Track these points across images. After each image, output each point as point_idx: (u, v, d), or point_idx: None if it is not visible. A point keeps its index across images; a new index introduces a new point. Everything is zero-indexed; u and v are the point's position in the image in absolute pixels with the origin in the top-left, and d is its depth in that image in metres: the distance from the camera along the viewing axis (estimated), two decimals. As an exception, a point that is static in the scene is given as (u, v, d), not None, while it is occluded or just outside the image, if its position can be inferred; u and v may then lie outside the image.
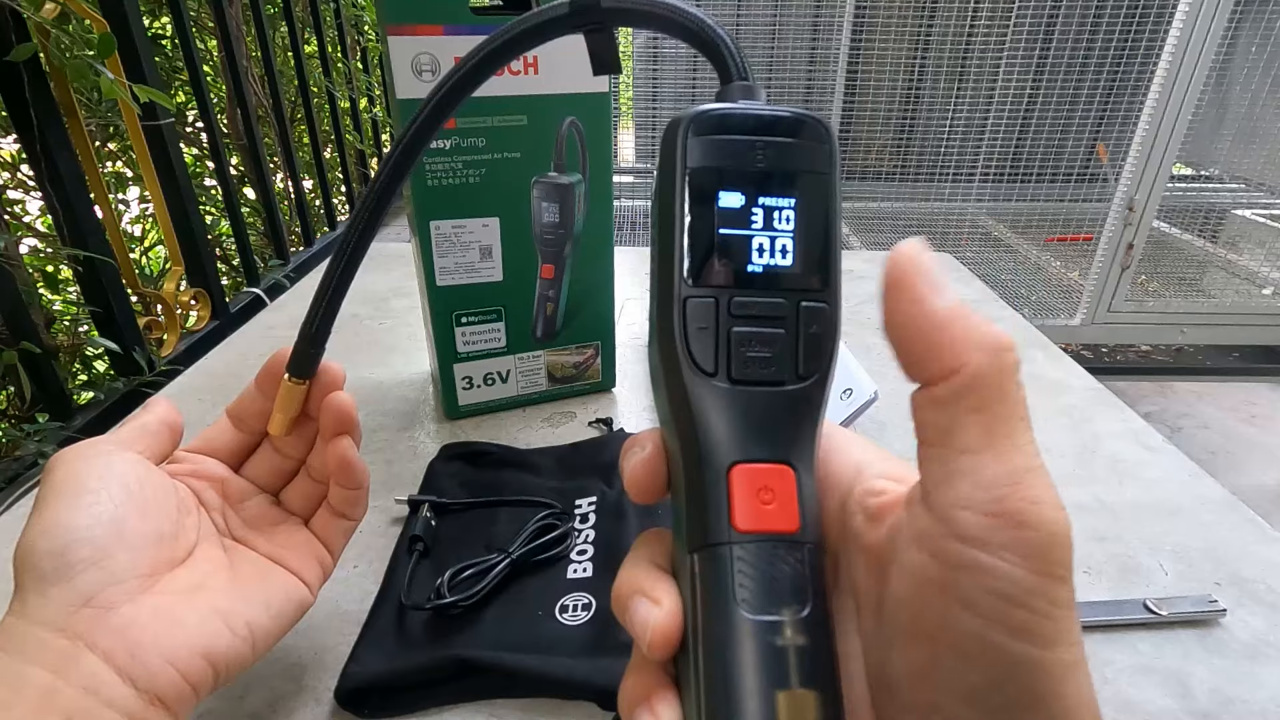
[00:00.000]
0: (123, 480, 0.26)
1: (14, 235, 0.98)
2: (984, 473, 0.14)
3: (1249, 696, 0.34)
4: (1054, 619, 0.14)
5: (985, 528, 0.14)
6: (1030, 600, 0.13)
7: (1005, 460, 0.14)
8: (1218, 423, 1.85)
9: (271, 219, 1.36)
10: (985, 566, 0.14)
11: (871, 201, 2.48)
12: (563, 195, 0.50)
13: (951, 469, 0.14)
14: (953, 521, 0.14)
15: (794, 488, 0.16)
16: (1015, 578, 0.13)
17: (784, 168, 0.17)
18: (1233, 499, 0.47)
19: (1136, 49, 1.97)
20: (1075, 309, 1.98)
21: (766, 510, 0.16)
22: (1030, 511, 0.14)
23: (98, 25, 0.83)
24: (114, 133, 1.26)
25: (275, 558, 0.30)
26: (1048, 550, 0.14)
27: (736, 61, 0.19)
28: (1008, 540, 0.14)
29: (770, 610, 0.15)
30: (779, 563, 0.15)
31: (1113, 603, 0.38)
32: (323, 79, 1.52)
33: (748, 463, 0.16)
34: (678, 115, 0.17)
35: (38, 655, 0.23)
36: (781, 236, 0.17)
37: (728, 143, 0.17)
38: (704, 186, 0.17)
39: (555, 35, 0.21)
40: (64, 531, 0.24)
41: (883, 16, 2.28)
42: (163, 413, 0.30)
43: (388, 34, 0.43)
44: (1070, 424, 0.55)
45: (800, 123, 0.17)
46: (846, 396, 0.48)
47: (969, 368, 0.15)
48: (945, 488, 0.15)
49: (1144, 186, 1.77)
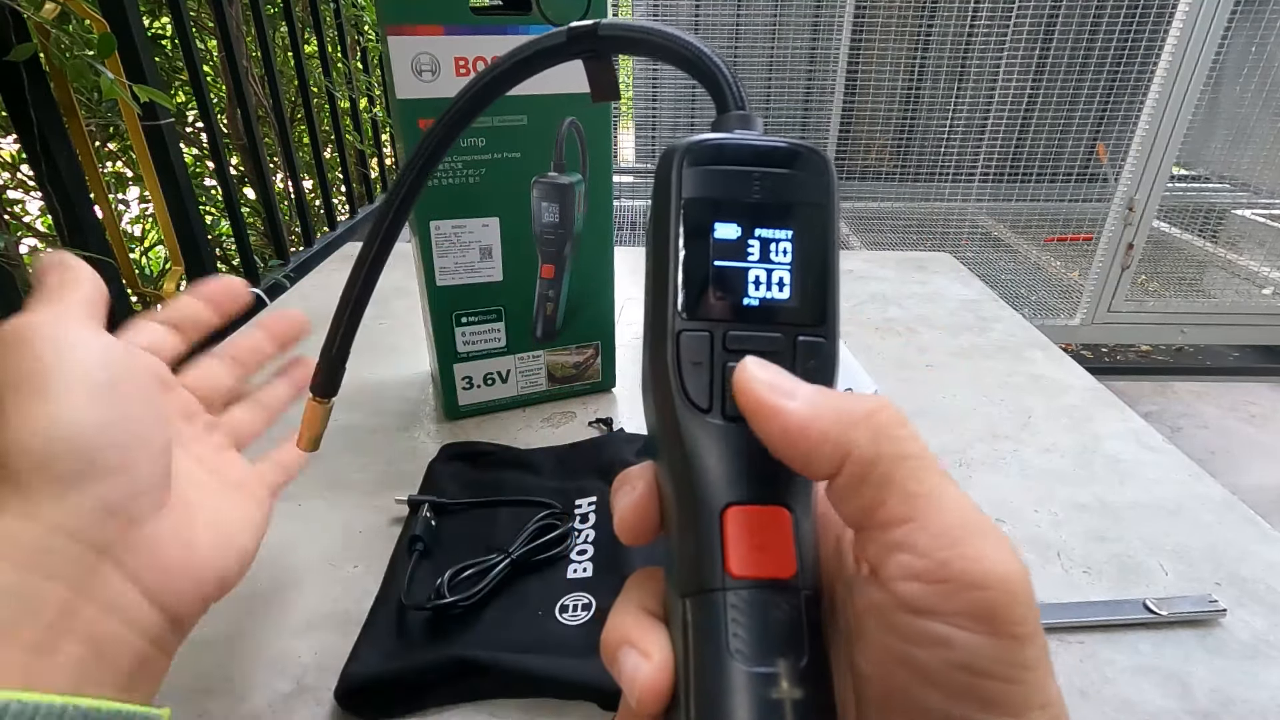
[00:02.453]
0: (117, 367, 0.22)
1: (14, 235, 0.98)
2: (918, 540, 0.14)
3: (1249, 696, 0.34)
4: (1023, 683, 0.13)
5: (934, 596, 0.13)
6: (995, 668, 0.13)
7: (935, 521, 0.14)
8: (1217, 423, 1.85)
9: (271, 219, 1.36)
10: (941, 637, 0.13)
11: (871, 201, 2.49)
12: (563, 195, 0.50)
13: (887, 545, 0.14)
14: (901, 596, 0.14)
15: (790, 531, 0.15)
16: (974, 646, 0.13)
17: (781, 199, 0.16)
18: (1232, 499, 0.47)
19: (1136, 49, 1.97)
20: (1075, 309, 1.98)
21: (762, 555, 0.15)
22: (975, 571, 0.13)
23: (98, 25, 0.83)
24: (114, 133, 1.26)
25: (231, 475, 0.29)
26: (1004, 608, 0.13)
27: (734, 91, 0.19)
28: (960, 605, 0.13)
29: (765, 662, 0.14)
30: (774, 611, 0.15)
31: (1113, 603, 0.38)
32: (323, 79, 1.52)
33: (743, 504, 0.15)
34: (672, 145, 0.17)
35: (56, 568, 0.19)
36: (778, 269, 0.16)
37: (723, 174, 0.16)
38: (699, 218, 0.16)
39: (552, 64, 0.21)
40: (78, 428, 0.20)
41: (883, 16, 2.28)
42: (94, 278, 0.25)
43: (388, 34, 0.43)
44: (1070, 424, 0.55)
45: (797, 154, 0.17)
46: (846, 396, 0.48)
47: (853, 452, 0.14)
48: (888, 563, 0.14)
49: (1144, 186, 1.77)
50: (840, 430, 0.14)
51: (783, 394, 0.15)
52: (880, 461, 0.14)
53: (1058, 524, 0.45)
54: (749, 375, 0.15)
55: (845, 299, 0.81)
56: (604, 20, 0.20)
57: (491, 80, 0.22)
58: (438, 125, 0.23)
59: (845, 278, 0.85)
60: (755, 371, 0.15)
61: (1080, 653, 0.36)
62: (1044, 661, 0.13)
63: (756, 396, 0.15)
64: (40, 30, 0.73)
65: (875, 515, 0.14)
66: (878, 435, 0.14)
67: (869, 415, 0.15)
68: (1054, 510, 0.46)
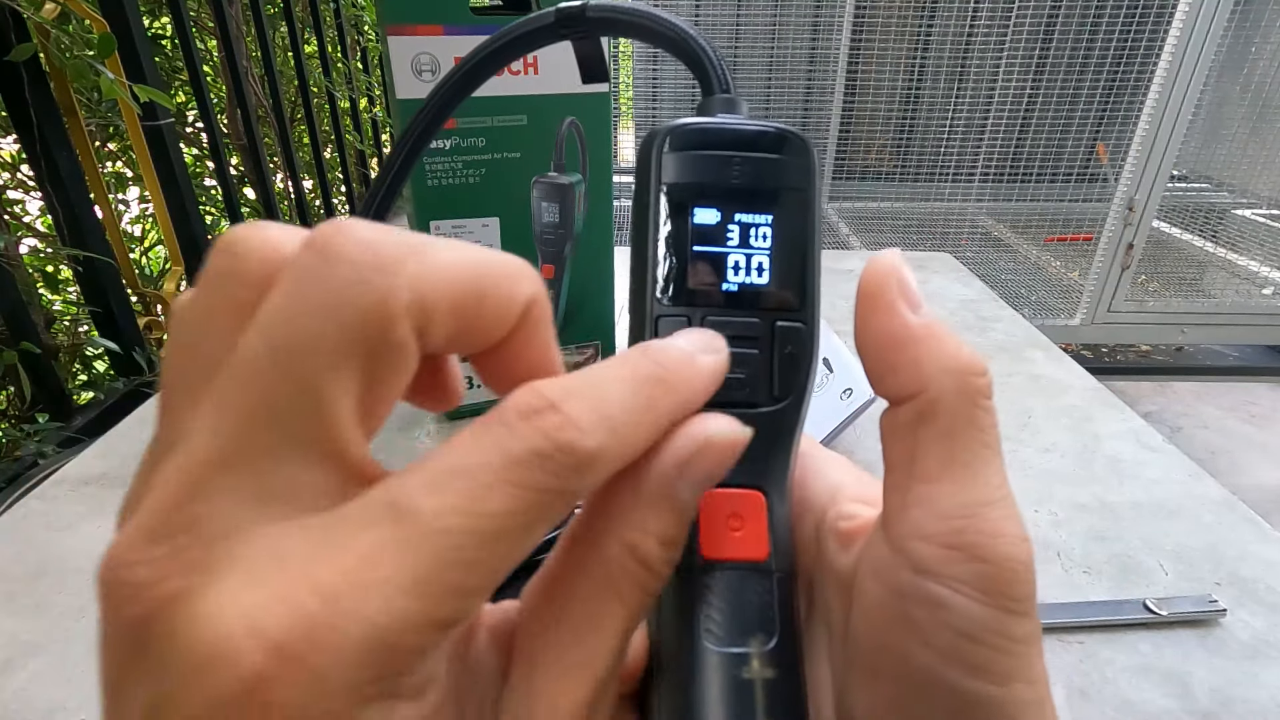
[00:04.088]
0: None
1: (14, 235, 0.98)
2: (941, 503, 0.14)
3: (1249, 696, 0.34)
4: (1012, 654, 0.13)
5: (941, 560, 0.13)
6: (986, 636, 0.13)
7: (964, 491, 0.14)
8: (1218, 422, 1.85)
9: (271, 219, 1.36)
10: (941, 600, 0.13)
11: (871, 201, 2.48)
12: (563, 195, 0.50)
13: (909, 498, 0.14)
14: (909, 553, 0.14)
15: (764, 514, 0.15)
16: (971, 612, 0.13)
17: (761, 184, 0.16)
18: (1232, 499, 0.47)
19: (1136, 49, 1.97)
20: (1075, 309, 1.98)
21: (735, 537, 0.15)
22: (987, 545, 0.13)
23: (98, 25, 0.83)
24: (114, 133, 1.26)
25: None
26: (1006, 584, 0.13)
27: (719, 74, 0.19)
28: (964, 573, 0.13)
29: (737, 642, 0.14)
30: (747, 593, 0.15)
31: (1113, 603, 0.38)
32: (323, 79, 1.52)
33: (717, 487, 0.15)
34: (654, 129, 0.17)
35: None
36: (757, 254, 0.16)
37: (704, 158, 0.16)
38: (678, 203, 0.16)
39: (540, 45, 0.21)
40: None
41: (883, 16, 2.28)
42: None
43: (388, 34, 0.43)
44: (1070, 424, 0.55)
45: (777, 138, 0.17)
46: (846, 396, 0.48)
47: (931, 390, 0.14)
48: (902, 518, 0.14)
49: (1144, 186, 1.77)
50: (935, 365, 0.14)
51: (910, 300, 0.15)
52: (947, 416, 0.14)
53: (1058, 524, 0.45)
54: (886, 265, 0.15)
55: (845, 299, 0.81)
56: (592, 1, 0.20)
57: (480, 61, 0.21)
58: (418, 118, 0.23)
59: (845, 278, 0.85)
60: (893, 265, 0.15)
61: (1080, 653, 0.36)
62: (1035, 641, 0.14)
63: (886, 287, 0.15)
64: (40, 30, 0.73)
65: (915, 463, 0.14)
66: (962, 392, 0.14)
67: (968, 371, 0.14)
68: (1054, 510, 0.46)
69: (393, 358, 0.11)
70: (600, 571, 0.13)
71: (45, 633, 0.37)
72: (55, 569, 0.41)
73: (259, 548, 0.10)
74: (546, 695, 0.13)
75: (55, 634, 0.37)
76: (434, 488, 0.11)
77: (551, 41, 0.21)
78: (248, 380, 0.11)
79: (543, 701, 0.13)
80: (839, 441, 0.50)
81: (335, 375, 0.11)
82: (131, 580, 0.10)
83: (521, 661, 0.13)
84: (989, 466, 0.14)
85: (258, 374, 0.11)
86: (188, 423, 0.11)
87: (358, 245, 0.11)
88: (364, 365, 0.11)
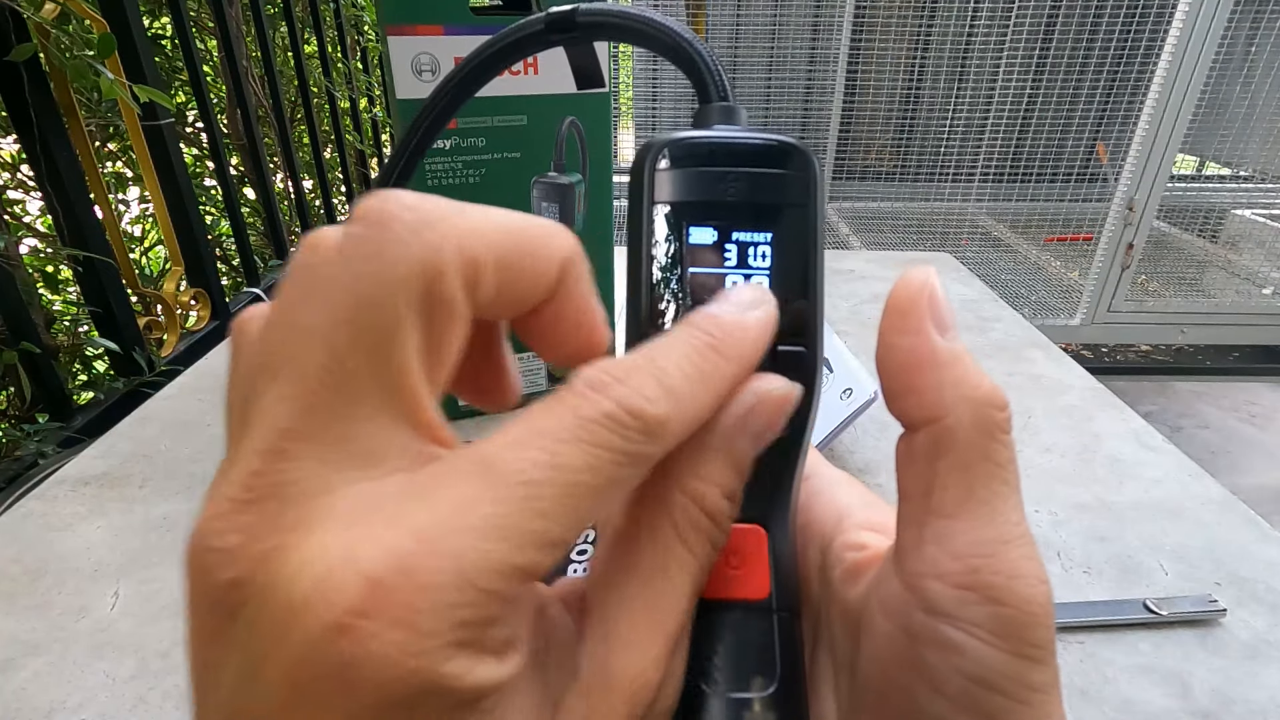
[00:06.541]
0: None
1: (14, 235, 0.98)
2: (957, 540, 0.13)
3: (1249, 696, 0.34)
4: (1029, 704, 0.13)
5: (956, 601, 0.13)
6: (1004, 684, 0.12)
7: (982, 528, 0.13)
8: (1218, 423, 1.85)
9: (271, 219, 1.36)
10: (955, 644, 0.13)
11: (871, 201, 2.49)
12: (563, 195, 0.50)
13: (925, 533, 0.13)
14: (922, 591, 0.13)
15: (765, 551, 0.15)
16: (987, 658, 0.12)
17: (759, 200, 0.15)
18: (1233, 499, 0.47)
19: (1136, 48, 1.97)
20: (1075, 309, 1.98)
21: (734, 575, 0.14)
22: (1005, 586, 0.13)
23: (98, 25, 0.83)
24: (114, 133, 1.26)
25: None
26: (1024, 629, 0.12)
27: (715, 80, 0.17)
28: (980, 616, 0.12)
29: (736, 687, 0.14)
30: (747, 634, 0.14)
31: (1113, 603, 0.38)
32: (323, 79, 1.52)
33: None
34: (648, 142, 0.16)
35: None
36: (756, 275, 0.15)
37: (699, 174, 0.15)
38: (673, 222, 0.15)
39: (530, 52, 0.20)
40: None
41: (883, 16, 2.28)
42: None
43: (388, 34, 0.43)
44: (1070, 424, 0.55)
45: (777, 151, 0.16)
46: (846, 396, 0.48)
47: (950, 418, 0.13)
48: (917, 555, 0.13)
49: (1144, 186, 1.77)
50: (955, 393, 0.14)
51: (941, 323, 0.14)
52: (969, 447, 0.13)
53: (1058, 524, 0.45)
54: (920, 282, 0.14)
55: (846, 299, 0.81)
56: (582, 5, 0.19)
57: (472, 70, 0.21)
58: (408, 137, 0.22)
59: (846, 277, 0.85)
60: (927, 283, 0.14)
61: (1080, 653, 0.36)
62: (1055, 687, 0.13)
63: (916, 305, 0.14)
64: (40, 30, 0.73)
65: (931, 495, 0.14)
66: (981, 424, 0.13)
67: (989, 403, 0.14)
68: (1054, 510, 0.46)
69: (447, 313, 0.12)
70: (666, 521, 0.13)
71: (45, 633, 0.37)
72: (55, 569, 0.41)
73: (350, 503, 0.11)
74: (620, 645, 0.13)
75: (55, 634, 0.37)
76: (517, 444, 0.11)
77: (543, 48, 0.20)
78: (316, 348, 0.11)
79: (617, 651, 0.13)
80: (839, 441, 0.50)
81: (399, 333, 0.11)
82: (222, 546, 0.10)
83: (594, 616, 0.13)
84: (1007, 503, 0.13)
85: (325, 340, 0.11)
86: (264, 397, 0.11)
87: (402, 208, 0.12)
88: (422, 324, 0.12)
